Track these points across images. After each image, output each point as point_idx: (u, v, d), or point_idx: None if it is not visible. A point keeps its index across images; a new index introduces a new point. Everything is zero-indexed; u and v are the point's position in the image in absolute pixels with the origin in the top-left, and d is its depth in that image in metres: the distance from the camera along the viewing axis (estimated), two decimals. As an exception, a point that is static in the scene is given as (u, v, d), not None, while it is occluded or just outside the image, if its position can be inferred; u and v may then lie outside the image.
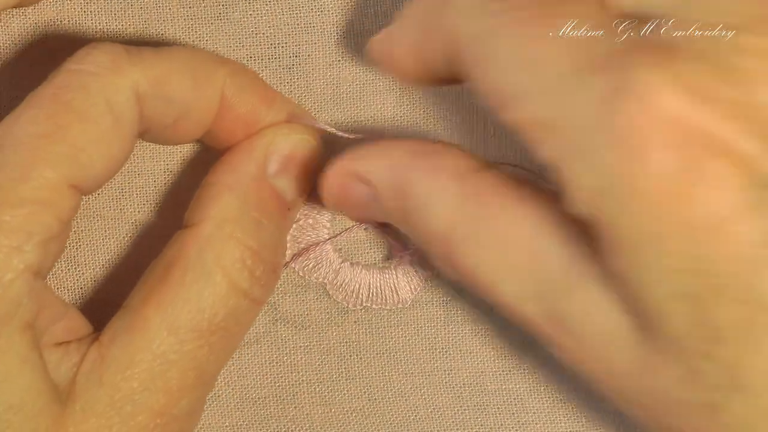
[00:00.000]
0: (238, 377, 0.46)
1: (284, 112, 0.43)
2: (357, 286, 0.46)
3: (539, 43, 0.35)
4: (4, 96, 0.45)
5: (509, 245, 0.37)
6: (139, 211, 0.46)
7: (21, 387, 0.38)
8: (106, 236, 0.46)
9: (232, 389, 0.46)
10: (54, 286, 0.45)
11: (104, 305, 0.45)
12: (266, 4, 0.46)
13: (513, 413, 0.47)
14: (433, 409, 0.47)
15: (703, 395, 0.34)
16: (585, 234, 0.35)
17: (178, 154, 0.46)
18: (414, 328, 0.47)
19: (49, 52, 0.45)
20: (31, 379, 0.38)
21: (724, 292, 0.32)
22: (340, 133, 0.44)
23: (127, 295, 0.42)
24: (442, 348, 0.47)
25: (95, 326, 0.41)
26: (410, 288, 0.46)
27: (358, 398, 0.46)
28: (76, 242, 0.45)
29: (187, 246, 0.41)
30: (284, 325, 0.46)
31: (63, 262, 0.45)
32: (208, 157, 0.46)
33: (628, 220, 0.33)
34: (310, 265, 0.46)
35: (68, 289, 0.45)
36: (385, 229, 0.46)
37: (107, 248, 0.46)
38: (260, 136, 0.43)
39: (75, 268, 0.45)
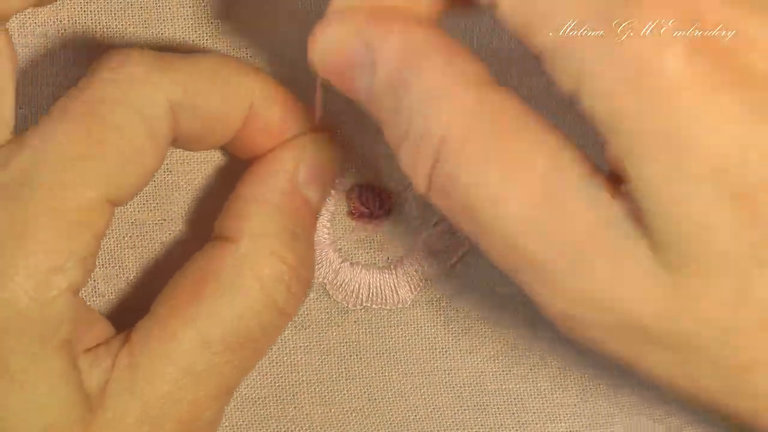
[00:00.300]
0: (237, 377, 0.46)
1: (310, 122, 0.43)
2: (357, 286, 0.46)
3: None
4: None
5: (522, 168, 0.33)
6: (139, 211, 0.46)
7: (57, 404, 0.38)
8: (106, 236, 0.45)
9: (232, 389, 0.46)
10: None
11: (105, 305, 0.45)
12: (266, 3, 0.45)
13: (513, 413, 0.47)
14: (433, 409, 0.47)
15: (755, 312, 0.31)
16: (607, 174, 0.32)
17: (178, 152, 0.46)
18: (414, 328, 0.47)
19: (48, 51, 0.45)
20: (66, 394, 0.38)
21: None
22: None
23: (128, 294, 0.42)
24: (442, 348, 0.47)
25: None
26: (410, 288, 0.46)
27: (358, 398, 0.46)
28: (76, 242, 0.45)
29: (222, 260, 0.41)
30: (284, 324, 0.46)
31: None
32: (208, 156, 0.46)
33: (653, 118, 0.31)
34: (310, 265, 0.46)
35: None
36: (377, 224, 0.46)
37: (107, 248, 0.45)
38: (289, 148, 0.42)
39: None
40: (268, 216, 0.41)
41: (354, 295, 0.46)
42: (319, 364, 0.46)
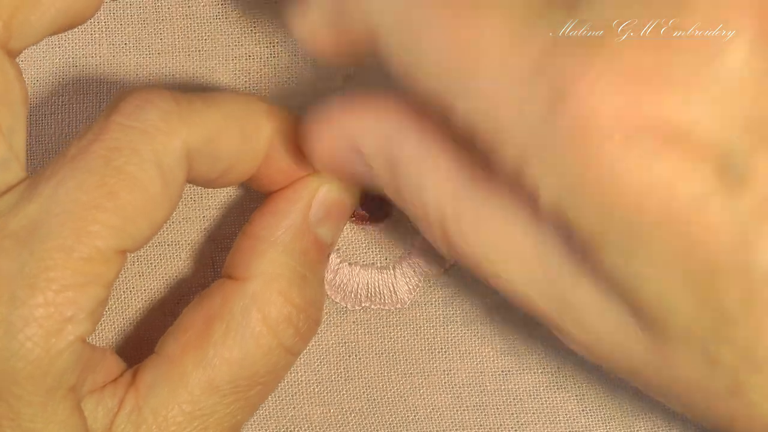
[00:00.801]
0: (236, 378, 0.46)
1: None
2: (355, 286, 0.46)
3: (473, 37, 0.33)
4: None
5: (511, 230, 0.36)
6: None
7: None
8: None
9: (231, 390, 0.46)
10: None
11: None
12: (265, 3, 0.45)
13: (513, 413, 0.47)
14: (432, 409, 0.47)
15: (723, 380, 0.33)
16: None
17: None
18: (413, 328, 0.47)
19: (44, 51, 0.45)
20: None
21: (722, 271, 0.32)
22: None
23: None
24: (441, 348, 0.47)
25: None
26: (409, 288, 0.46)
27: (357, 399, 0.46)
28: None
29: (231, 301, 0.40)
30: (283, 325, 0.46)
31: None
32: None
33: (602, 223, 0.32)
34: (309, 267, 0.46)
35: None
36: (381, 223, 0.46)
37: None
38: (304, 185, 0.42)
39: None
40: (278, 256, 0.41)
41: (353, 296, 0.46)
42: (317, 365, 0.46)
